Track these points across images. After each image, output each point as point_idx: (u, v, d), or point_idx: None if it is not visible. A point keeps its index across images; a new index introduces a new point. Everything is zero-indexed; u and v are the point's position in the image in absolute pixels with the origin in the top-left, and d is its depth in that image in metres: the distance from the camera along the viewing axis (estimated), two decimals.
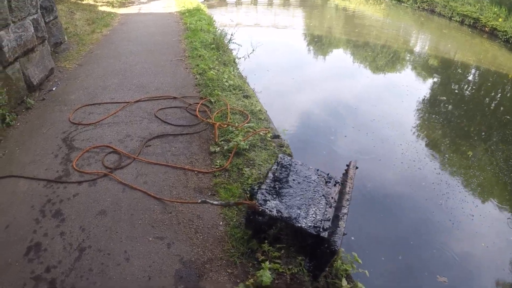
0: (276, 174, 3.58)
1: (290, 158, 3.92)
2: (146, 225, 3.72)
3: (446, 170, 6.52)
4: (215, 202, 3.49)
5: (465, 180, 6.29)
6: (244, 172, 4.48)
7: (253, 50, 9.93)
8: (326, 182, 3.63)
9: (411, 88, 10.13)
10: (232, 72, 7.78)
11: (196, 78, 7.22)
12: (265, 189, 3.32)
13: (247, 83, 7.68)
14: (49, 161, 4.71)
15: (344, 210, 3.10)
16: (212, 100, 6.20)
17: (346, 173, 3.74)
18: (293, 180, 3.52)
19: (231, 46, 10.35)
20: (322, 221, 3.06)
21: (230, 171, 4.53)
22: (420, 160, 6.56)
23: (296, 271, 3.13)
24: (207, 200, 3.50)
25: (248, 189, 4.04)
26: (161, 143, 5.08)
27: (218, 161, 4.67)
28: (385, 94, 9.80)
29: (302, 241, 3.17)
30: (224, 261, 3.34)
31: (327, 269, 3.19)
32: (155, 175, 4.43)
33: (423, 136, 7.58)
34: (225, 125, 5.37)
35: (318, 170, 3.78)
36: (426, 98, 9.76)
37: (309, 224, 3.01)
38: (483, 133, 7.96)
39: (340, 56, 13.54)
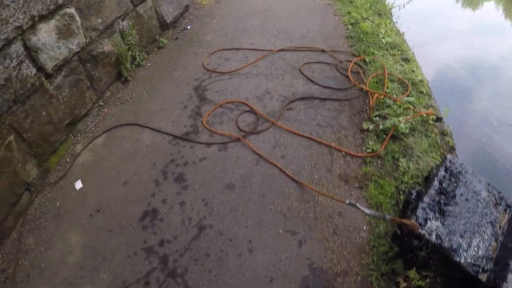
0: (443, 185, 2.95)
1: (460, 162, 3.20)
2: (278, 212, 3.23)
3: None
4: (367, 211, 2.86)
5: None
6: (400, 163, 3.72)
7: None
8: (496, 203, 2.99)
9: None
10: (389, 26, 6.73)
11: (348, 29, 6.35)
12: (428, 203, 2.80)
13: (405, 42, 6.60)
14: (177, 112, 4.41)
15: None
16: (367, 60, 5.34)
17: None
18: (461, 195, 2.92)
19: None
20: (484, 259, 2.58)
21: (384, 159, 3.79)
22: None
23: None
24: (357, 205, 2.88)
25: (404, 190, 3.44)
26: (306, 107, 4.45)
27: (370, 143, 3.93)
28: None
29: (453, 275, 2.69)
30: (359, 278, 2.80)
31: None
32: (295, 149, 3.86)
33: None
34: (382, 96, 4.54)
35: (489, 185, 3.11)
36: None
37: (469, 261, 2.54)
38: None
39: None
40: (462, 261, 2.53)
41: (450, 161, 3.17)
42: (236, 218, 3.17)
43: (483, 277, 2.50)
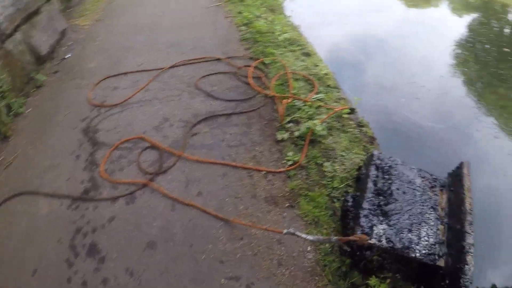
0: (378, 185, 3.00)
1: (388, 156, 3.28)
2: (213, 260, 2.96)
3: None
4: (309, 237, 2.74)
5: None
6: (325, 169, 3.65)
7: None
8: (432, 186, 3.12)
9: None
10: (284, 21, 6.68)
11: (241, 31, 6.20)
12: (368, 209, 2.81)
13: (303, 36, 6.58)
14: (70, 165, 3.91)
15: (470, 240, 2.59)
16: (267, 62, 5.20)
17: (457, 178, 3.10)
18: (397, 189, 2.99)
19: None
20: (436, 245, 2.70)
21: (307, 168, 3.69)
22: None
23: None
24: (297, 233, 2.76)
25: (338, 197, 3.40)
26: (210, 128, 4.20)
27: (289, 154, 3.81)
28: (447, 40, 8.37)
29: (411, 267, 2.84)
30: None
31: None
32: (211, 181, 3.59)
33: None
34: (290, 99, 4.42)
35: (421, 170, 3.24)
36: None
37: (423, 252, 2.64)
38: None
39: None
40: (418, 255, 2.59)
41: (379, 158, 3.21)
42: (170, 281, 2.85)
43: (441, 262, 2.60)
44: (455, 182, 3.12)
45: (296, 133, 3.98)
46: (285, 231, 2.80)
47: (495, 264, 3.88)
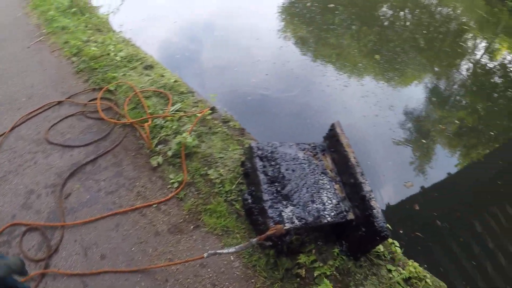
0: (268, 174, 3.16)
1: (266, 143, 3.45)
2: None
3: None
4: (231, 250, 2.82)
5: None
6: (211, 176, 3.73)
7: None
8: (314, 154, 3.42)
9: None
10: (115, 39, 6.41)
11: (73, 62, 5.79)
12: (270, 199, 2.96)
13: (140, 48, 6.38)
14: None
15: (367, 188, 2.91)
16: (111, 88, 4.99)
17: (333, 139, 3.43)
18: (287, 170, 3.21)
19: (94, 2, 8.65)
20: (340, 203, 3.01)
21: (194, 183, 3.72)
22: None
23: (338, 264, 2.99)
24: (217, 252, 2.81)
25: (235, 199, 3.56)
26: (81, 182, 3.91)
27: (171, 176, 3.80)
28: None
29: (327, 232, 3.16)
30: None
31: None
32: (107, 238, 3.39)
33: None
34: (149, 120, 4.33)
35: (298, 144, 3.50)
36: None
37: (332, 214, 2.90)
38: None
39: None
40: (329, 219, 2.86)
41: (258, 148, 3.34)
42: None
43: (350, 216, 2.92)
44: (333, 143, 3.41)
45: (169, 153, 3.95)
46: (205, 254, 2.79)
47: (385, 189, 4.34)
